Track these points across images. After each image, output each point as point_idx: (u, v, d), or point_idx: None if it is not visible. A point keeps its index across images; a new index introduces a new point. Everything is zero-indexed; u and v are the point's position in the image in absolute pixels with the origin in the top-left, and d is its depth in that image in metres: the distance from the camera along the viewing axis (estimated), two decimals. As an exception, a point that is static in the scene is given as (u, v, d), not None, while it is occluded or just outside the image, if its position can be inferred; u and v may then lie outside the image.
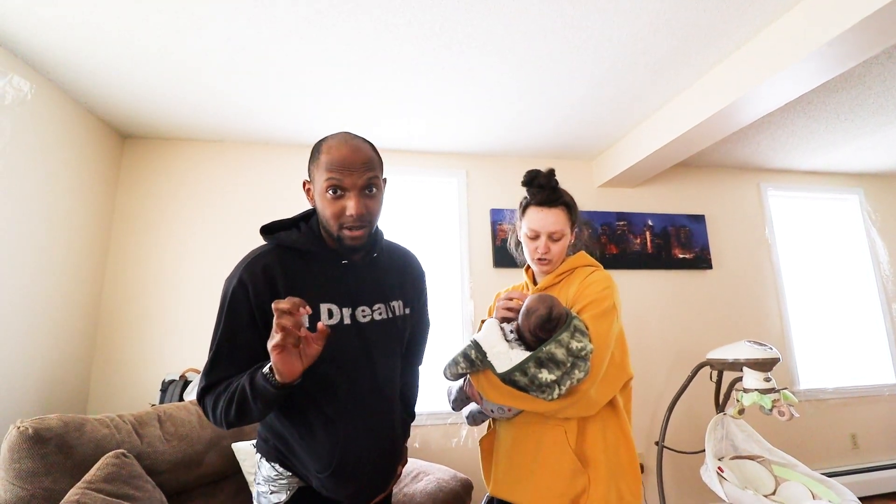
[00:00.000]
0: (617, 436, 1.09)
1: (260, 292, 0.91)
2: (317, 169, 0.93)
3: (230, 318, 0.91)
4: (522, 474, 1.09)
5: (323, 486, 0.97)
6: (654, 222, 3.19)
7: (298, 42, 1.87)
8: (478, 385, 1.08)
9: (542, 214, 1.20)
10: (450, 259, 2.93)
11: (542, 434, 1.08)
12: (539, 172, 1.23)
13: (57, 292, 2.18)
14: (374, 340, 1.01)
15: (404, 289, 1.12)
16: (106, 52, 1.92)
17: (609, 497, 1.02)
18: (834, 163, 3.46)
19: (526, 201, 1.25)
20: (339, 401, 0.96)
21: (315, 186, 0.95)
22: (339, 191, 0.90)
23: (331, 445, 0.94)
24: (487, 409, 1.15)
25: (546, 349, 0.96)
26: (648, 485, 2.80)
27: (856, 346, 3.43)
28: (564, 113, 2.53)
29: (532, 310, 1.04)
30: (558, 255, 1.22)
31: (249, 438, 1.79)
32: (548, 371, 0.95)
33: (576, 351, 0.97)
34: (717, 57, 2.04)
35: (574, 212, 1.25)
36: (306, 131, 2.68)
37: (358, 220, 0.91)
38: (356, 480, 0.97)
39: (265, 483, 1.02)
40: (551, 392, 0.95)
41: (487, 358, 1.02)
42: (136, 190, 2.65)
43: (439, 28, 1.80)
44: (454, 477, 1.98)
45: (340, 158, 0.90)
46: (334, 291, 0.97)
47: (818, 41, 1.65)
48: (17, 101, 1.92)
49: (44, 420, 1.28)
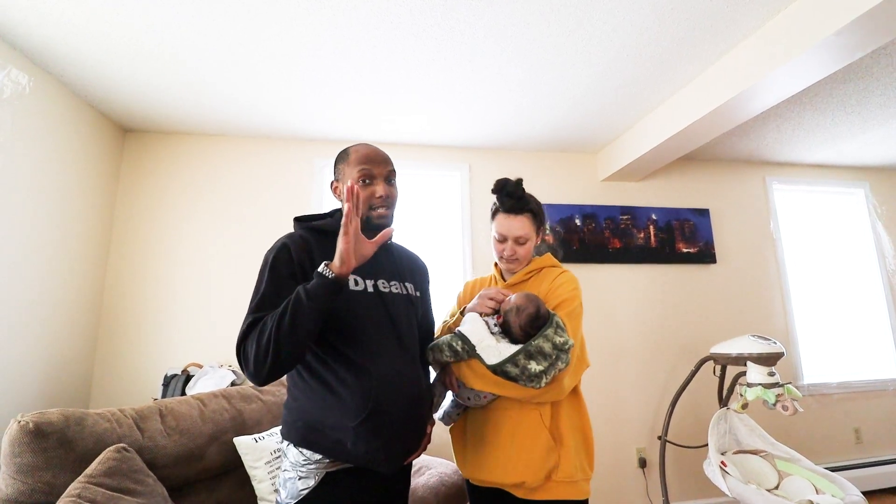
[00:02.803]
0: (581, 416, 1.27)
1: (300, 253, 1.07)
2: (347, 166, 1.15)
3: (274, 273, 1.04)
4: (500, 455, 1.20)
5: (356, 442, 0.99)
6: (657, 216, 3.16)
7: (300, 34, 1.85)
8: (459, 373, 1.19)
9: (509, 221, 1.31)
10: (452, 253, 2.92)
11: (519, 418, 1.21)
12: (508, 181, 1.34)
13: (58, 287, 2.18)
14: (395, 308, 1.14)
15: (413, 276, 1.28)
16: (106, 46, 1.90)
17: (576, 468, 1.19)
18: (840, 156, 3.42)
19: (495, 207, 1.36)
20: (368, 352, 1.05)
21: (345, 180, 1.14)
22: (368, 179, 1.12)
23: (364, 389, 1.01)
24: (463, 396, 1.24)
25: (535, 343, 1.09)
26: (651, 479, 2.80)
27: (860, 341, 3.42)
28: (568, 106, 2.50)
29: (522, 308, 1.16)
30: (524, 255, 1.34)
31: (252, 432, 1.79)
32: (536, 363, 1.07)
33: (559, 345, 1.10)
34: (723, 48, 2.01)
35: (539, 218, 1.36)
36: (308, 125, 2.66)
37: (385, 200, 1.13)
38: (391, 426, 1.02)
39: (293, 469, 1.04)
40: (539, 381, 1.07)
41: (476, 351, 1.12)
42: (138, 184, 2.64)
43: (441, 18, 1.78)
44: (456, 471, 1.98)
45: (369, 155, 1.14)
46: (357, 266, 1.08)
47: (826, 31, 1.62)
48: (15, 94, 1.91)
49: (44, 414, 1.27)
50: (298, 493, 1.01)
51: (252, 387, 2.02)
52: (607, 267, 3.05)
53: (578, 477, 1.19)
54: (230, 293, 2.59)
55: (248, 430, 1.79)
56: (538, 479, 1.16)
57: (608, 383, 2.89)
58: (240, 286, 2.60)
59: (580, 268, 2.97)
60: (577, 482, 1.18)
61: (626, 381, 2.93)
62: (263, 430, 1.84)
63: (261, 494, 1.68)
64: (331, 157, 2.84)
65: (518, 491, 1.19)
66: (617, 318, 3.00)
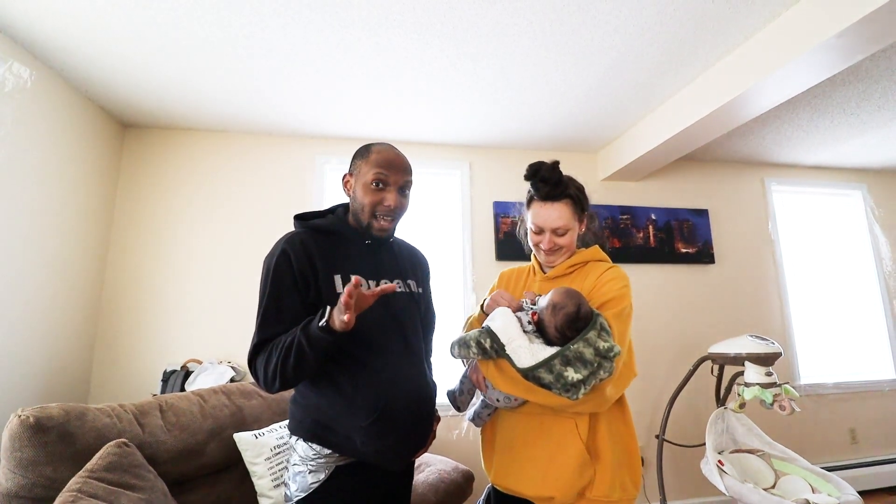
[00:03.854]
0: (622, 429, 1.12)
1: (300, 260, 1.05)
2: (365, 163, 1.11)
3: (275, 284, 1.04)
4: (529, 465, 1.09)
5: (365, 441, 1.02)
6: (657, 216, 3.17)
7: (302, 30, 1.84)
8: (487, 373, 1.07)
9: (546, 210, 1.18)
10: (452, 251, 2.92)
11: (551, 426, 1.08)
12: (543, 164, 1.19)
13: (58, 282, 2.17)
14: (399, 308, 1.14)
15: (415, 272, 1.27)
16: (107, 40, 1.89)
17: (614, 487, 1.04)
18: (838, 158, 3.44)
19: (530, 195, 1.23)
20: (376, 353, 1.07)
21: (359, 178, 1.12)
22: (381, 184, 1.09)
23: (375, 391, 1.03)
24: (492, 397, 1.13)
25: (574, 348, 0.94)
26: (648, 477, 2.81)
27: (856, 342, 3.44)
28: (569, 104, 2.51)
29: (560, 306, 1.00)
30: (567, 245, 1.20)
31: (251, 429, 1.79)
32: (574, 370, 0.92)
33: (603, 351, 0.94)
34: (725, 48, 2.02)
35: (581, 204, 1.22)
36: (308, 122, 2.65)
37: (392, 212, 1.11)
38: (399, 427, 1.05)
39: (302, 463, 1.06)
40: (576, 392, 0.92)
41: (506, 351, 0.99)
42: (138, 179, 2.63)
43: (444, 16, 1.77)
44: (455, 468, 1.99)
45: (390, 159, 1.11)
46: (359, 266, 1.11)
47: (828, 33, 1.62)
48: (16, 88, 1.90)
49: (45, 409, 1.27)
50: (309, 486, 1.04)
51: (252, 383, 2.02)
52: (606, 266, 3.05)
53: (616, 497, 1.05)
54: (230, 289, 2.59)
55: (247, 427, 1.79)
56: (569, 496, 1.04)
57: (606, 382, 2.90)
58: (240, 282, 2.60)
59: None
60: (614, 502, 1.05)
61: (624, 381, 2.94)
62: (263, 426, 1.84)
63: (261, 490, 1.68)
64: (331, 154, 2.84)
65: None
66: (615, 318, 3.00)
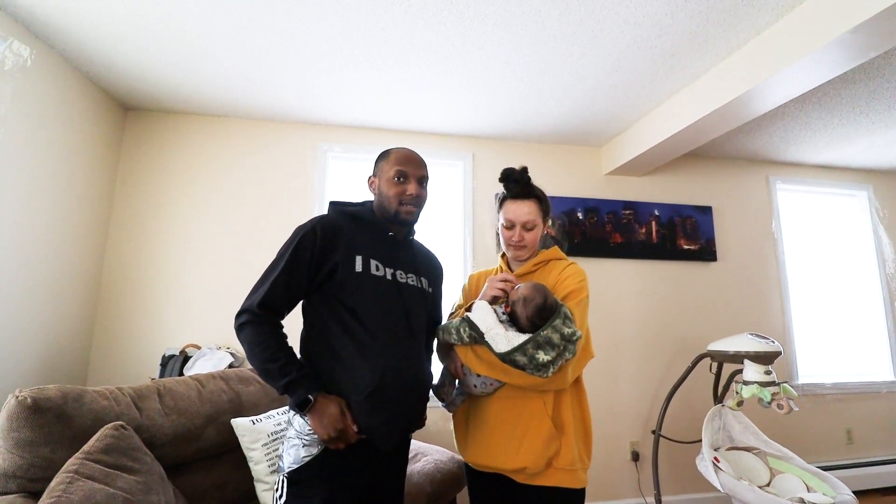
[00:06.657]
0: (582, 407, 1.30)
1: (325, 241, 1.15)
2: (387, 163, 1.26)
3: (294, 256, 1.13)
4: (504, 441, 1.23)
5: (359, 416, 1.09)
6: (660, 212, 3.15)
7: (307, 14, 1.82)
8: (466, 359, 1.22)
9: (517, 206, 1.35)
10: (454, 242, 2.91)
11: (523, 406, 1.23)
12: (514, 170, 1.38)
13: (58, 264, 2.17)
14: (409, 298, 1.23)
15: (429, 273, 1.37)
16: (109, 21, 1.87)
17: (574, 456, 1.21)
18: (845, 158, 3.41)
19: (502, 195, 1.41)
20: (381, 333, 1.14)
21: (382, 176, 1.26)
22: (402, 178, 1.24)
23: (372, 365, 1.10)
24: (470, 384, 1.26)
25: (544, 333, 1.11)
26: (644, 472, 2.82)
27: (856, 343, 3.43)
28: (575, 97, 2.48)
29: (529, 298, 1.17)
30: (532, 242, 1.36)
31: (249, 414, 1.79)
32: (544, 352, 1.09)
33: (567, 335, 1.12)
34: (735, 42, 1.98)
35: (545, 205, 1.39)
36: (311, 109, 2.63)
37: (414, 199, 1.24)
38: (393, 404, 1.12)
39: (297, 437, 1.11)
40: (546, 370, 1.10)
41: (485, 338, 1.15)
42: (138, 163, 2.61)
43: (451, 3, 1.74)
44: (451, 458, 2.00)
45: (408, 156, 1.27)
46: (380, 253, 1.22)
47: (842, 27, 1.60)
48: (16, 67, 1.88)
49: (43, 390, 1.27)
50: (301, 458, 1.09)
51: (250, 370, 2.02)
52: (608, 261, 3.04)
53: (577, 466, 1.21)
54: (230, 274, 2.58)
55: (245, 412, 1.80)
56: (539, 465, 1.19)
57: (605, 376, 2.90)
58: (240, 267, 2.59)
59: (581, 261, 2.91)
60: (576, 471, 1.21)
61: (623, 375, 2.95)
62: (261, 412, 1.84)
63: (257, 476, 1.69)
64: (333, 142, 2.82)
65: (518, 476, 1.22)
66: (616, 313, 3.00)
